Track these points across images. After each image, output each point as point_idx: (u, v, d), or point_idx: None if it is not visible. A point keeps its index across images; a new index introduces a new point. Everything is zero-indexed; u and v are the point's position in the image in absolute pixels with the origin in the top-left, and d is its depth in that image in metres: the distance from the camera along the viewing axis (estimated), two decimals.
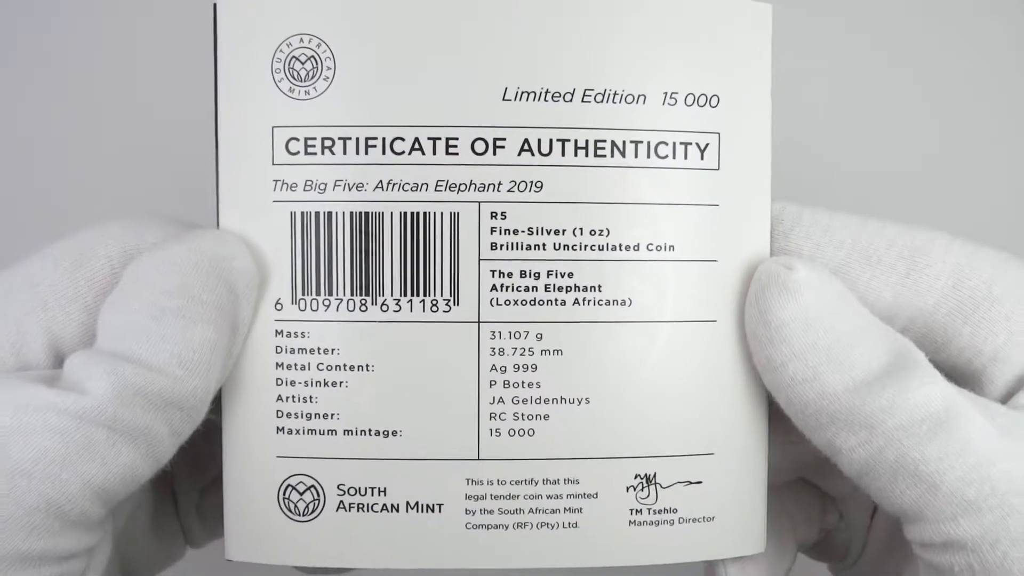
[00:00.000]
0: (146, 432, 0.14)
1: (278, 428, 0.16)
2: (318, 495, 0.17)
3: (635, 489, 0.17)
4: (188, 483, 0.20)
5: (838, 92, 0.29)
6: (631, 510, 0.17)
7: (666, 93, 0.16)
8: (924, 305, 0.17)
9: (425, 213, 0.16)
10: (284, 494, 0.17)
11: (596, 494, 0.17)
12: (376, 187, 0.16)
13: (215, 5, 0.16)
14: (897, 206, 0.28)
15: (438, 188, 0.16)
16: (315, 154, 0.16)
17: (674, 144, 0.16)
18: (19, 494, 0.13)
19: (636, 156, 0.16)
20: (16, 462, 0.14)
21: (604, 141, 0.16)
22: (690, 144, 0.16)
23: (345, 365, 0.16)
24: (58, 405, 0.14)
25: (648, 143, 0.16)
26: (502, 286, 0.16)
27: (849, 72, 0.29)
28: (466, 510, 0.17)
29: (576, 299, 0.16)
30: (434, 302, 0.16)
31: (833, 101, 0.29)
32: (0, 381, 0.15)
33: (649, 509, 0.17)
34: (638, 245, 0.16)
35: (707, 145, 0.17)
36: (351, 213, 0.16)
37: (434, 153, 0.16)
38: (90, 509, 0.14)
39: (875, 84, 0.29)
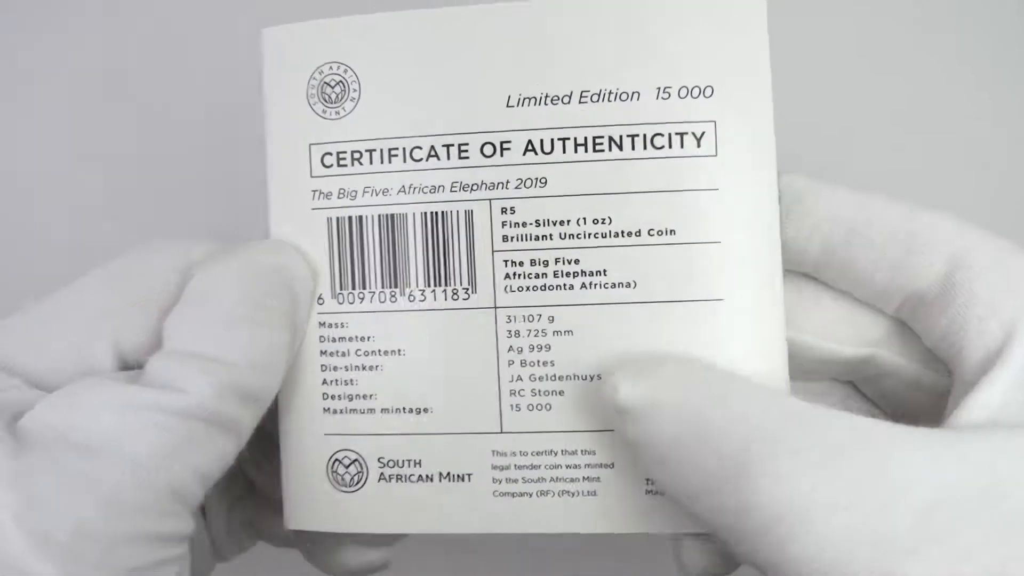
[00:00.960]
0: (236, 423, 0.16)
1: (324, 409, 0.19)
2: (362, 468, 0.19)
3: None
4: (216, 498, 0.21)
5: (832, 93, 0.29)
6: (647, 479, 0.18)
7: (659, 88, 0.18)
8: (915, 289, 0.17)
9: (443, 212, 0.18)
10: (332, 468, 0.19)
11: (612, 464, 0.18)
12: (399, 191, 0.18)
13: (261, 38, 0.19)
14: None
15: (453, 189, 0.18)
16: (346, 166, 0.18)
17: (670, 135, 0.18)
18: (148, 482, 0.15)
19: (633, 148, 0.18)
20: (132, 456, 0.15)
21: (602, 137, 0.18)
22: (686, 134, 0.18)
23: (380, 350, 0.18)
24: (160, 403, 0.15)
25: (644, 135, 0.18)
26: (515, 274, 0.18)
27: (845, 71, 0.29)
28: (493, 479, 0.18)
29: (583, 283, 0.18)
30: (455, 291, 0.18)
31: (828, 101, 0.29)
32: (100, 383, 0.16)
33: None
34: (639, 231, 0.18)
35: (703, 133, 0.18)
36: (379, 215, 0.18)
37: (448, 158, 0.18)
38: (199, 494, 0.16)
39: (871, 83, 0.28)
